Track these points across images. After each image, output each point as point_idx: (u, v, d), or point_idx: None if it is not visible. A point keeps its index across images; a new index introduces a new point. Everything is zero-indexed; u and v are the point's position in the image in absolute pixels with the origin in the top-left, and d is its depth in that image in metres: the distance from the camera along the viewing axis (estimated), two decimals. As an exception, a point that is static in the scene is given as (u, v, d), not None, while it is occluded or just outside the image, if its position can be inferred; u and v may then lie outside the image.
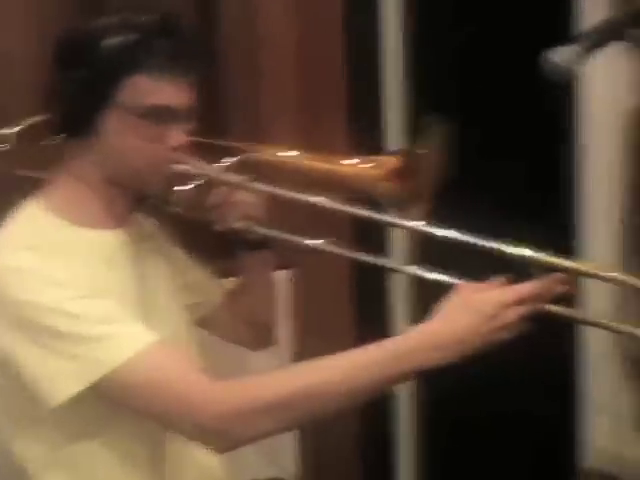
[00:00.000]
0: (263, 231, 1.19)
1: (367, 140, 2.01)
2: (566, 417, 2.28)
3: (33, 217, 1.11)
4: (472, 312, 0.96)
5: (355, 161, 1.11)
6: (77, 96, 1.07)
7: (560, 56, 0.91)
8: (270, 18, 1.98)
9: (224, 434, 0.95)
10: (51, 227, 1.09)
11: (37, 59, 1.59)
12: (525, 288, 0.97)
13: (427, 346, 0.95)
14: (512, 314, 0.95)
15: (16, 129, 1.35)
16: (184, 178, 1.14)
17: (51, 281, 1.01)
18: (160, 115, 1.08)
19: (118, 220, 1.16)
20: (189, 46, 1.10)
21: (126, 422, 1.03)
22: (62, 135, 1.14)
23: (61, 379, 0.97)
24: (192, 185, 1.13)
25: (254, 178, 1.13)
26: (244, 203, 1.19)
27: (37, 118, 1.32)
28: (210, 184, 1.15)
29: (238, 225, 1.18)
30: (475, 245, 1.00)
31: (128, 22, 1.09)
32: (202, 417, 0.95)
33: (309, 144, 1.91)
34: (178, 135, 1.10)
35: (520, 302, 0.96)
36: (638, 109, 2.13)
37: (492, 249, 0.99)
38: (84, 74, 1.05)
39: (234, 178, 1.15)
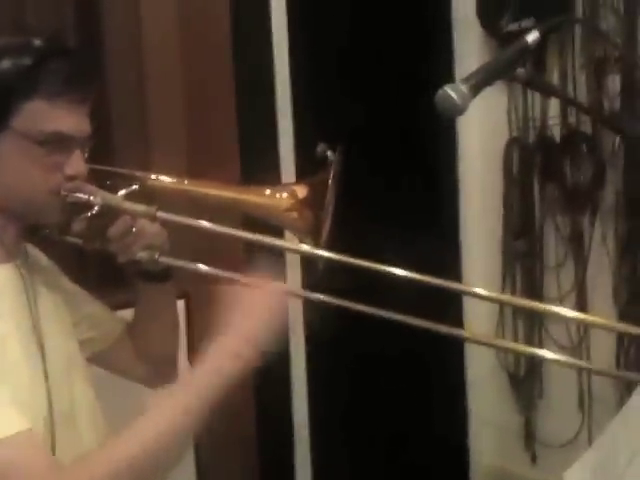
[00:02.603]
0: (167, 261, 1.16)
1: (260, 166, 2.02)
2: (454, 433, 2.36)
3: None
4: (248, 309, 1.02)
5: (268, 191, 1.11)
6: None
7: (454, 91, 0.96)
8: (156, 47, 1.96)
9: None
10: None
11: None
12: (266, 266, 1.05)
13: (222, 361, 0.99)
14: (274, 287, 1.04)
15: None
16: (82, 208, 1.10)
17: None
18: (59, 142, 1.03)
19: (8, 252, 1.09)
20: (83, 68, 1.07)
21: None
22: None
23: None
24: (91, 215, 1.09)
25: (157, 207, 1.10)
26: (148, 233, 1.14)
27: None
28: (110, 213, 1.12)
29: (142, 255, 1.15)
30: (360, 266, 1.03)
31: (21, 45, 1.05)
32: None
33: (198, 166, 1.92)
34: (76, 163, 1.06)
35: (271, 281, 1.04)
36: (513, 141, 2.28)
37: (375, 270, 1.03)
38: None
39: (139, 207, 1.11)
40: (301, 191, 1.11)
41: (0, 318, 1.03)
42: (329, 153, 1.16)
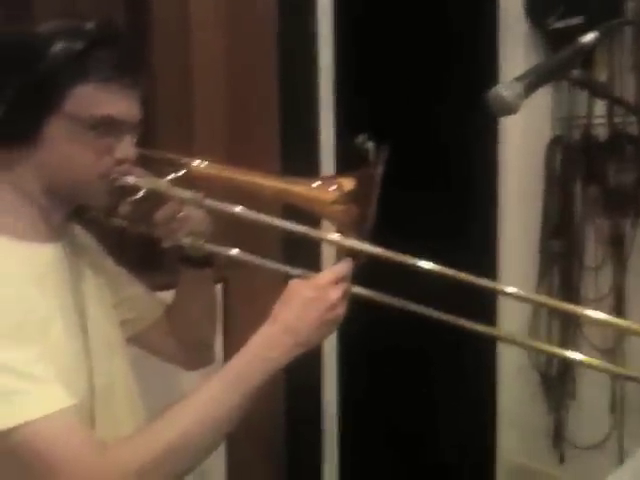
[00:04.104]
0: (210, 247, 1.17)
1: (300, 156, 2.02)
2: (482, 432, 2.36)
3: None
4: (296, 302, 1.00)
5: (315, 183, 1.11)
6: (19, 103, 1.01)
7: (506, 91, 0.95)
8: (203, 38, 1.97)
9: None
10: None
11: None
12: (337, 268, 1.03)
13: (263, 350, 0.98)
14: (333, 292, 1.01)
15: None
16: (130, 191, 1.11)
17: None
18: (109, 126, 1.04)
19: (55, 233, 1.10)
20: (133, 54, 1.08)
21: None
22: None
23: None
24: (139, 199, 1.10)
25: (204, 194, 1.11)
26: (192, 219, 1.15)
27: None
28: (156, 198, 1.13)
29: (185, 241, 1.16)
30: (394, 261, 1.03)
31: (74, 29, 1.05)
32: None
33: (238, 155, 1.93)
34: (127, 147, 1.06)
35: (337, 280, 1.01)
36: (556, 140, 2.25)
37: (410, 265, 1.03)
38: (28, 81, 1.00)
39: (186, 194, 1.12)
40: (348, 184, 1.10)
41: (45, 297, 1.04)
42: (369, 144, 1.16)
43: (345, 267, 1.04)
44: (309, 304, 1.00)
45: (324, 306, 1.00)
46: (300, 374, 1.91)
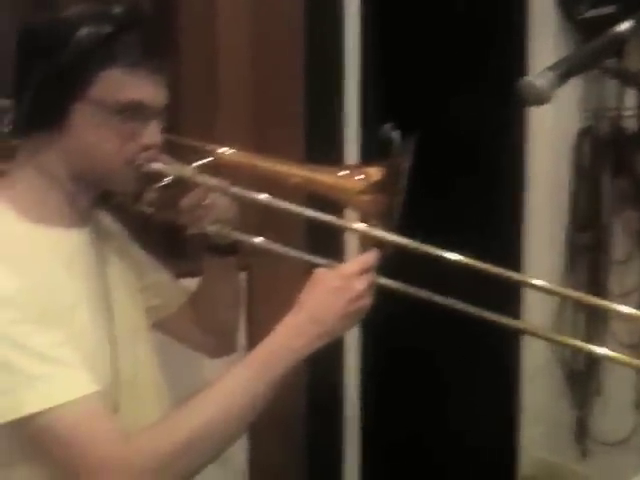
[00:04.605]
0: (235, 235, 1.16)
1: (324, 147, 2.01)
2: (505, 426, 2.34)
3: None
4: (321, 291, 1.00)
5: (342, 172, 1.10)
6: (46, 88, 1.01)
7: (539, 80, 0.93)
8: (229, 24, 1.96)
9: None
10: (9, 225, 1.03)
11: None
12: (363, 258, 1.02)
13: (288, 339, 0.98)
14: (359, 283, 1.00)
15: None
16: (156, 178, 1.11)
17: (0, 298, 0.94)
18: (135, 112, 1.03)
19: (81, 218, 1.10)
20: (160, 38, 1.07)
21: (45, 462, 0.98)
22: (24, 126, 1.07)
23: None
24: (165, 185, 1.09)
25: (231, 181, 1.10)
26: (218, 206, 1.15)
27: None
28: (182, 185, 1.12)
29: (211, 229, 1.15)
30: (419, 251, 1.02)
31: (100, 13, 1.04)
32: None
33: (263, 142, 1.92)
34: (153, 133, 1.06)
35: (363, 271, 1.01)
36: (585, 132, 2.22)
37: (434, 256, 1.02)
38: (55, 65, 1.00)
39: (212, 181, 1.11)
40: (375, 174, 1.09)
41: (72, 282, 1.05)
42: (394, 134, 1.14)
43: (371, 257, 1.03)
44: (334, 294, 1.00)
45: (349, 296, 1.00)
46: (322, 363, 1.91)
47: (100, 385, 0.98)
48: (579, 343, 1.12)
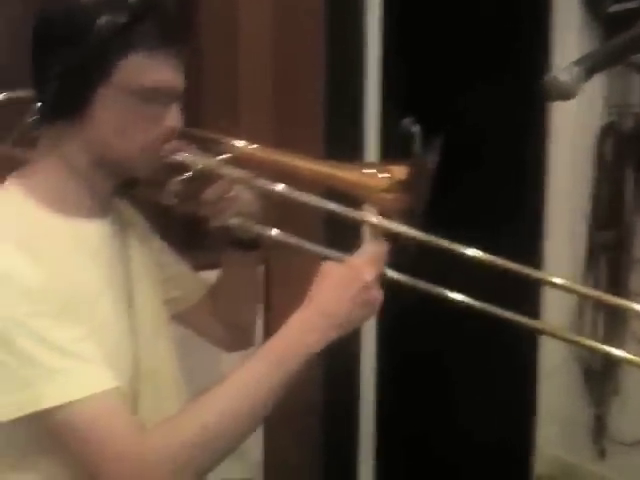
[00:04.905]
0: (257, 229, 1.16)
1: (344, 141, 2.01)
2: (521, 425, 2.33)
3: (12, 204, 1.03)
4: (329, 284, 0.99)
5: (365, 170, 1.09)
6: (68, 77, 1.00)
7: (565, 75, 0.92)
8: (250, 17, 1.96)
9: None
10: (30, 215, 1.03)
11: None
12: (370, 248, 1.01)
13: (299, 334, 0.97)
14: (367, 273, 0.98)
15: None
16: (180, 169, 1.10)
17: (23, 290, 0.94)
18: (157, 95, 1.03)
19: (101, 209, 1.09)
20: (179, 22, 1.07)
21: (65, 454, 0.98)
22: (46, 116, 1.07)
23: (6, 400, 0.92)
24: (188, 176, 1.09)
25: (256, 174, 1.10)
26: (241, 199, 1.13)
27: (7, 94, 1.25)
28: (205, 177, 1.12)
29: (233, 222, 1.15)
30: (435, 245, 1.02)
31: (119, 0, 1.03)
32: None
33: (282, 136, 1.92)
34: (174, 116, 1.05)
35: (371, 262, 0.99)
36: (608, 128, 2.20)
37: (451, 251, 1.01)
38: (76, 54, 0.99)
39: (237, 173, 1.11)
40: (400, 173, 1.08)
41: (94, 274, 1.04)
42: (414, 128, 1.13)
43: (379, 247, 1.01)
44: (343, 285, 0.98)
45: (358, 287, 0.98)
46: (338, 359, 1.91)
47: (120, 381, 0.97)
48: (598, 345, 1.10)
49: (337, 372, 2.01)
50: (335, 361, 1.95)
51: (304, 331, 0.98)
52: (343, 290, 0.98)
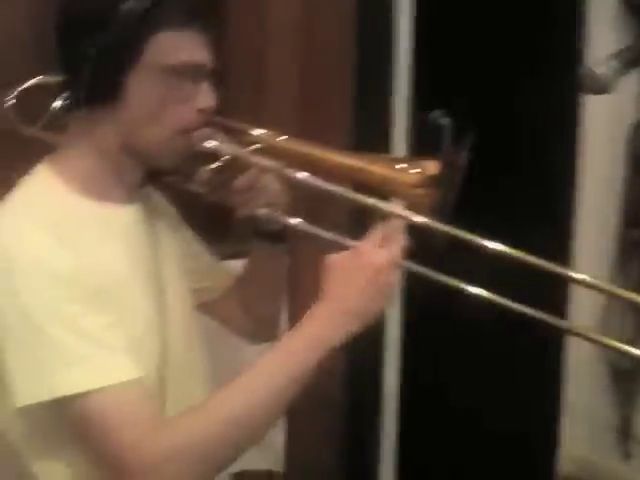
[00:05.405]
0: (284, 221, 1.14)
1: (372, 132, 1.99)
2: (546, 424, 2.31)
3: (42, 189, 1.04)
4: (338, 274, 0.96)
5: (397, 164, 1.08)
6: (101, 60, 1.00)
7: (602, 68, 0.91)
8: (277, 5, 1.95)
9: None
10: (60, 199, 1.03)
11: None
12: (376, 231, 0.98)
13: (318, 328, 0.95)
14: (376, 257, 0.95)
15: (23, 86, 1.27)
16: (210, 157, 1.09)
17: (53, 275, 0.94)
18: (187, 73, 1.02)
19: (130, 195, 1.09)
20: (203, 1, 1.06)
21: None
22: (79, 101, 1.04)
23: (32, 384, 0.93)
24: (218, 165, 1.09)
25: (286, 164, 1.09)
26: (271, 190, 1.13)
27: (42, 78, 1.26)
28: (235, 166, 1.11)
29: (261, 212, 1.14)
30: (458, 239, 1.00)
31: None
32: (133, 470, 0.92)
33: (311, 131, 1.91)
34: (206, 95, 1.04)
35: (376, 245, 0.96)
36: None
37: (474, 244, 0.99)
38: (107, 37, 0.99)
39: (268, 162, 1.10)
40: (432, 168, 1.07)
41: (124, 260, 1.04)
42: (444, 121, 1.12)
43: (388, 230, 0.98)
44: (352, 273, 0.95)
45: (369, 272, 0.95)
46: (361, 356, 1.90)
47: (146, 368, 0.97)
48: (624, 346, 1.07)
49: (360, 369, 2.00)
50: (358, 358, 1.94)
51: (321, 325, 0.96)
52: (353, 277, 0.95)
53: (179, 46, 1.02)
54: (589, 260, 2.23)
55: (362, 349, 1.82)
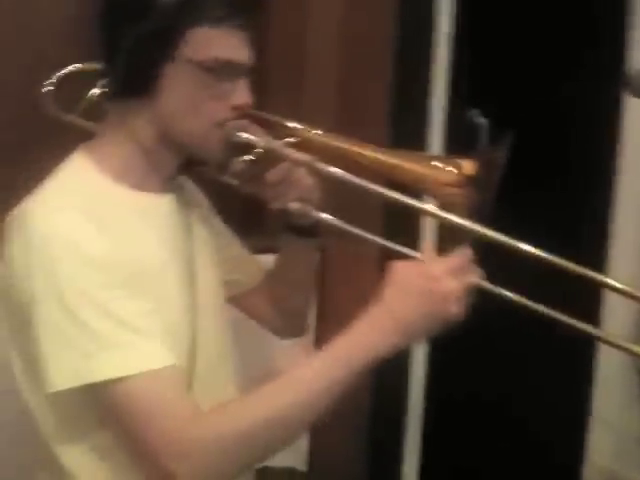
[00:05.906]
0: (316, 215, 1.14)
1: (408, 130, 1.98)
2: (572, 433, 2.27)
3: (78, 174, 1.05)
4: (407, 290, 0.94)
5: (434, 162, 1.06)
6: (137, 51, 1.01)
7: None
8: (318, 4, 1.95)
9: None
10: (97, 186, 1.04)
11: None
12: (454, 256, 0.95)
13: (368, 335, 0.93)
14: (446, 285, 0.92)
15: (62, 72, 1.29)
16: (243, 149, 1.09)
17: (88, 259, 0.94)
18: (224, 69, 1.03)
19: (165, 185, 1.11)
20: None
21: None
22: (116, 90, 1.06)
23: (64, 369, 0.93)
24: (253, 157, 1.08)
25: (319, 158, 1.08)
26: (304, 184, 1.13)
27: (80, 65, 1.27)
28: (269, 159, 1.11)
29: (293, 206, 1.13)
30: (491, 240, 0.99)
31: None
32: (165, 460, 0.92)
33: (346, 127, 1.91)
34: (242, 92, 1.04)
35: (452, 272, 0.93)
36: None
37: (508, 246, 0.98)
38: (145, 28, 1.00)
39: (301, 156, 1.09)
40: (469, 167, 1.05)
41: (159, 249, 1.05)
42: (480, 120, 1.10)
43: (464, 257, 0.95)
44: (420, 294, 0.93)
45: (436, 299, 0.93)
46: (388, 361, 1.88)
47: (178, 358, 0.97)
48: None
49: (386, 371, 1.98)
50: (384, 363, 1.93)
51: (372, 331, 0.94)
52: (419, 298, 0.93)
53: (215, 43, 1.02)
54: (626, 262, 2.18)
55: (388, 359, 1.81)
